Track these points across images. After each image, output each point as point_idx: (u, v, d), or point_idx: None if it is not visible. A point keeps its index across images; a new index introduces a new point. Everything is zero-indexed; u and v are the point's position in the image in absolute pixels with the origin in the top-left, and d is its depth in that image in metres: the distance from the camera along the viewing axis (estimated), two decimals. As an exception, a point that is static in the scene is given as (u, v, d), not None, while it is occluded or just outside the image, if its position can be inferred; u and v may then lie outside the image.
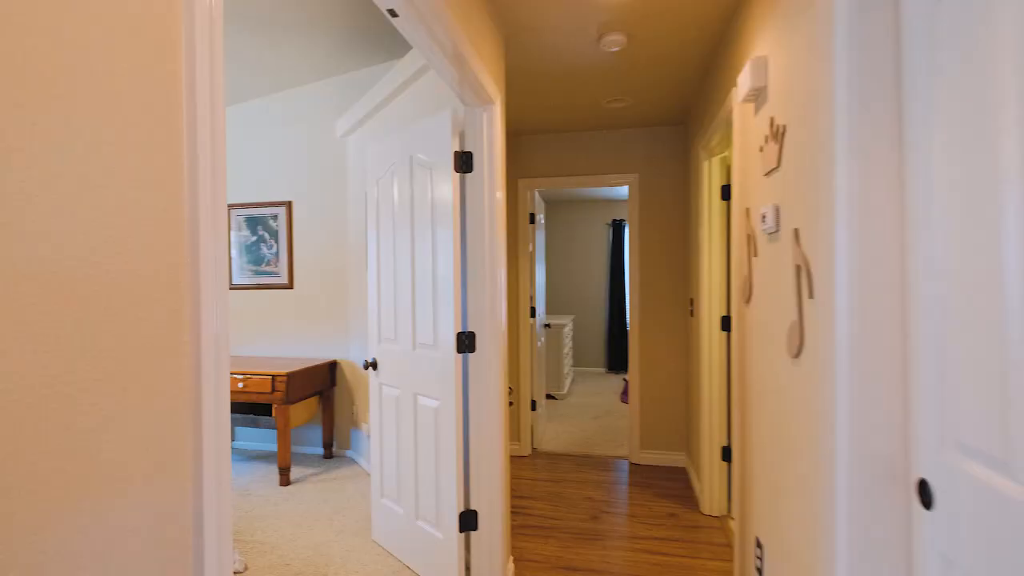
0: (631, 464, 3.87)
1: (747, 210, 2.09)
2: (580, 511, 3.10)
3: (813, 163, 1.37)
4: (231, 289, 4.20)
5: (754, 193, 1.98)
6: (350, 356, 3.96)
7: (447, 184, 2.23)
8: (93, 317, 0.55)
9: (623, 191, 6.59)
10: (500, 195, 2.31)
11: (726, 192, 3.00)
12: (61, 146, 0.52)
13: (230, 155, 4.19)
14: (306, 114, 4.03)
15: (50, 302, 0.51)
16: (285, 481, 3.44)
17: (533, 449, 4.13)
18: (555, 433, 4.55)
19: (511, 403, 4.02)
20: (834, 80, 1.20)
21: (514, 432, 4.06)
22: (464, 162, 2.26)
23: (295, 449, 4.14)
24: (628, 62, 2.77)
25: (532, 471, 3.74)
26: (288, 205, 4.06)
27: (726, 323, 2.97)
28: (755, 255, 1.97)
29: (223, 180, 0.71)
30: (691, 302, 3.55)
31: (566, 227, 7.55)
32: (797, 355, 1.50)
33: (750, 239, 2.03)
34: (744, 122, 2.12)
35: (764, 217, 1.77)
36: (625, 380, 6.66)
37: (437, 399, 2.31)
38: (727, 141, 2.84)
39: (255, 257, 4.15)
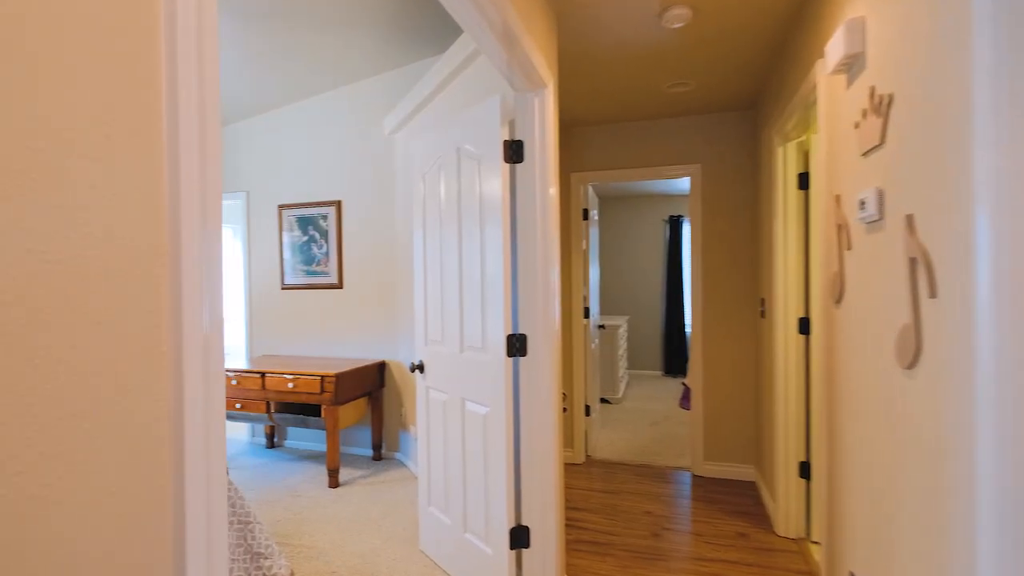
0: (693, 476, 3.61)
1: (837, 197, 1.83)
2: (639, 526, 2.88)
3: (934, 136, 1.12)
4: (283, 289, 4.23)
5: (847, 177, 1.72)
6: (398, 357, 3.90)
7: (496, 177, 2.08)
8: (44, 322, 0.43)
9: (682, 185, 6.27)
10: (553, 188, 2.14)
11: (804, 180, 2.70)
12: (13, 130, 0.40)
13: (281, 156, 4.21)
14: (355, 112, 3.99)
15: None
16: (334, 483, 3.40)
17: (587, 456, 3.93)
18: (610, 440, 4.33)
19: (565, 409, 3.84)
20: (971, 24, 0.96)
21: (567, 438, 3.87)
22: (514, 152, 2.10)
23: (344, 450, 4.11)
24: (692, 40, 2.54)
25: (586, 480, 3.54)
26: (337, 205, 4.03)
27: (804, 325, 2.68)
28: (848, 248, 1.71)
29: (217, 165, 0.58)
30: (762, 302, 3.25)
31: (621, 224, 7.28)
32: (911, 365, 1.26)
33: (841, 230, 1.77)
34: (833, 97, 1.86)
35: (863, 204, 1.52)
36: (684, 384, 6.33)
37: (486, 405, 2.17)
38: (805, 124, 2.55)
39: (306, 257, 4.15)
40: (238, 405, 3.61)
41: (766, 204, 3.07)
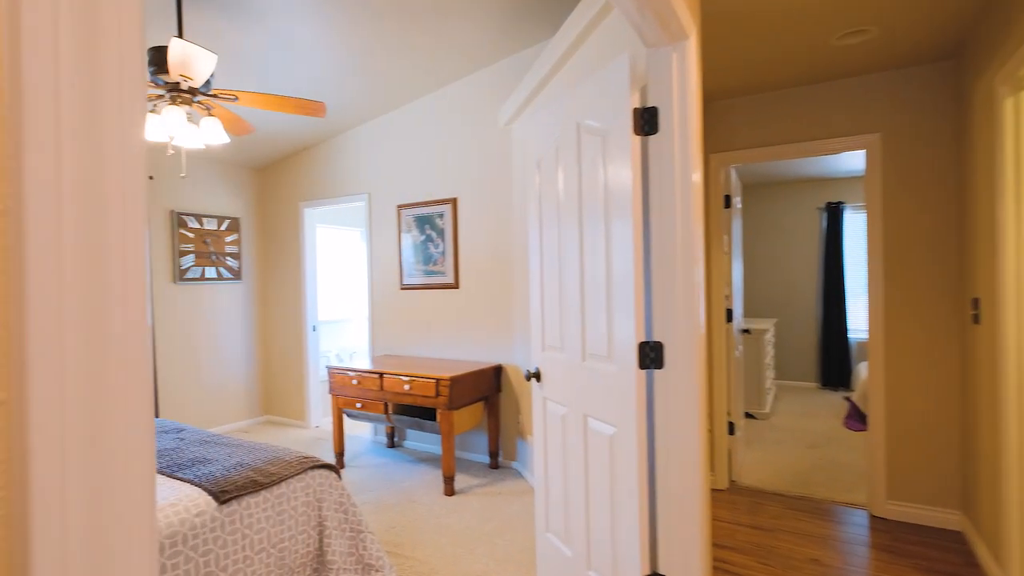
0: (872, 517, 2.92)
1: None
2: (803, 579, 2.35)
3: None
4: (402, 289, 4.22)
5: None
6: (515, 360, 3.68)
7: (624, 154, 1.73)
8: None
9: (845, 164, 5.34)
10: (696, 166, 1.74)
11: (1048, 138, 1.99)
12: None
13: (399, 156, 4.21)
14: (469, 106, 3.85)
15: None
16: (449, 491, 3.26)
17: (731, 482, 3.39)
18: (758, 463, 3.72)
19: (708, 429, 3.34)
20: None
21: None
22: (647, 121, 1.74)
23: (460, 455, 3.99)
24: (880, -35, 1.97)
25: (730, 510, 3.03)
26: (453, 202, 3.92)
27: (1052, 335, 1.97)
28: None
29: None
30: (974, 304, 2.51)
31: (766, 213, 6.44)
32: None
33: None
34: None
35: None
36: (848, 400, 5.39)
37: (613, 425, 1.83)
38: (1051, 61, 1.86)
39: (424, 257, 4.10)
40: (358, 404, 3.63)
41: (983, 177, 2.35)
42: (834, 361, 5.93)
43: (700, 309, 1.74)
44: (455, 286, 3.93)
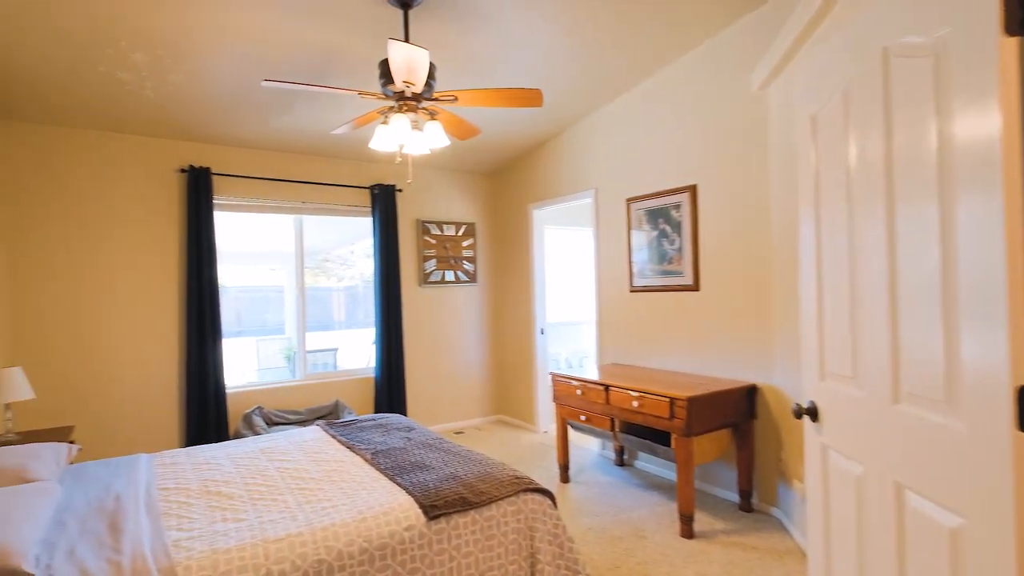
0: None
1: None
2: None
3: None
4: (632, 292, 3.81)
5: None
6: (775, 381, 2.94)
7: (984, 76, 1.04)
8: None
9: None
10: None
11: None
12: None
13: (628, 145, 3.81)
14: (709, 76, 3.24)
15: None
16: (687, 532, 2.74)
17: None
18: None
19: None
20: None
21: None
22: (1035, 6, 1.01)
23: (700, 487, 3.39)
24: None
25: None
26: (691, 190, 3.36)
27: None
28: None
29: None
30: None
31: None
32: None
33: None
34: None
35: None
36: None
37: (958, 513, 1.14)
38: None
39: (656, 255, 3.63)
40: (582, 417, 3.36)
41: None
42: None
43: None
44: (694, 288, 3.36)
